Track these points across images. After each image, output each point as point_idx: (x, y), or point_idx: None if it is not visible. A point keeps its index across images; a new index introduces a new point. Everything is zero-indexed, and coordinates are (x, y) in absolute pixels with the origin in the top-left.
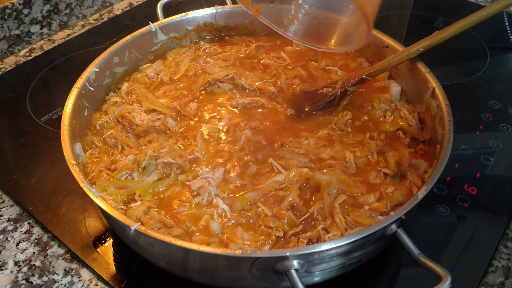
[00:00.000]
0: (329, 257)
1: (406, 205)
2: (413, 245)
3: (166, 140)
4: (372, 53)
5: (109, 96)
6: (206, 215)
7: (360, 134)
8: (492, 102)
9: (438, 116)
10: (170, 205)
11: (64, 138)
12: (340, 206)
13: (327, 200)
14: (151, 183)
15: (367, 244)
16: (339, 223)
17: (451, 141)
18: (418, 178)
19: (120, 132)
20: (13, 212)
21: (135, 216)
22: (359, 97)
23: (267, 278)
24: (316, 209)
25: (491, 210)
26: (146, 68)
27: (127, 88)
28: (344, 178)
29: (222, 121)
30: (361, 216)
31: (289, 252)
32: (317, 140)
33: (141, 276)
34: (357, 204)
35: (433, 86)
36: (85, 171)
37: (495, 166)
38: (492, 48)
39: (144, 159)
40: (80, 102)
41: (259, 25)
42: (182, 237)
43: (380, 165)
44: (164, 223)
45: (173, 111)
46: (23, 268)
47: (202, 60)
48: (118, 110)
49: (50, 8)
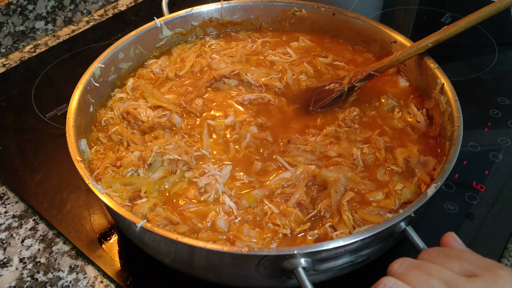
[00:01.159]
0: (337, 255)
1: (415, 202)
2: (422, 243)
3: (172, 136)
4: (379, 48)
5: (114, 92)
6: (212, 212)
7: (367, 130)
8: (500, 99)
9: (447, 112)
10: (176, 202)
11: (69, 134)
12: (347, 204)
13: (335, 197)
14: (157, 179)
15: (376, 242)
16: (346, 220)
17: (461, 138)
18: (426, 175)
19: (125, 129)
20: (18, 209)
21: (141, 213)
22: (366, 93)
23: (274, 276)
24: (323, 207)
25: (500, 207)
26: (151, 64)
27: (132, 84)
28: (351, 175)
29: (228, 117)
30: (369, 213)
31: (297, 250)
32: (324, 137)
33: (147, 273)
34: (365, 201)
35: (442, 82)
36: (91, 168)
37: (504, 163)
38: (501, 44)
39: (150, 155)
40: (86, 98)
41: (265, 20)
42: (189, 234)
43: (388, 162)
44: (170, 220)
45: (179, 108)
46: (28, 265)
47: (208, 56)
48: (123, 106)
49: (54, 4)
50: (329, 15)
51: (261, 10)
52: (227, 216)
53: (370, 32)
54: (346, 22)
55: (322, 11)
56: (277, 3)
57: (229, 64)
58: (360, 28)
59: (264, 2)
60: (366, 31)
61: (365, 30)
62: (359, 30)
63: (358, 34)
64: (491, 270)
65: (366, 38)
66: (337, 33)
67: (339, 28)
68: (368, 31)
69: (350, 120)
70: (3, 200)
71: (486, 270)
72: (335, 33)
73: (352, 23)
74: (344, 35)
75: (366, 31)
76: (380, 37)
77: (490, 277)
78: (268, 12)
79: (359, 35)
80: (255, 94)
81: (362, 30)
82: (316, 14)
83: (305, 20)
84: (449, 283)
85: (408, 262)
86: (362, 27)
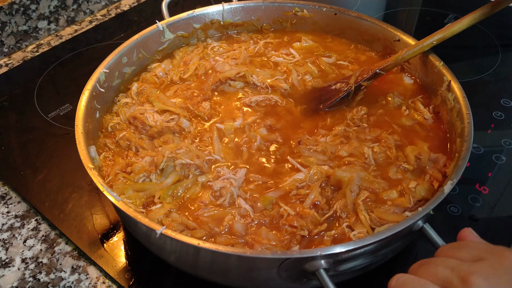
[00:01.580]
0: (357, 256)
1: (434, 199)
2: (440, 240)
3: (182, 140)
4: (382, 47)
5: (119, 97)
6: (229, 215)
7: (376, 129)
8: (504, 100)
9: (456, 109)
10: (191, 207)
11: (79, 141)
12: (363, 203)
13: (350, 197)
14: (170, 184)
15: (395, 241)
16: (363, 220)
17: (472, 134)
18: (438, 172)
19: (133, 134)
20: (20, 209)
21: (156, 219)
22: (372, 92)
23: (295, 278)
24: (339, 207)
25: (503, 209)
26: (154, 68)
27: (137, 89)
28: (364, 175)
29: (236, 120)
30: (386, 212)
31: (320, 251)
32: (334, 137)
33: (150, 274)
34: (380, 200)
35: (449, 79)
36: (101, 175)
37: (507, 165)
38: (504, 45)
39: (162, 160)
40: (92, 104)
41: (266, 21)
42: (206, 239)
43: (400, 160)
44: (187, 225)
45: (186, 111)
46: (30, 265)
47: (212, 59)
48: (129, 111)
49: (57, 3)
50: (331, 15)
51: (262, 11)
52: (244, 220)
53: (373, 31)
54: (348, 21)
55: (324, 11)
56: (278, 4)
57: (233, 66)
58: (362, 27)
59: (266, 3)
60: (368, 30)
61: (367, 29)
62: (361, 29)
63: (361, 33)
64: (496, 253)
65: (368, 37)
66: (339, 32)
67: (341, 28)
68: (371, 30)
69: (359, 119)
70: (5, 200)
71: (492, 253)
72: (337, 32)
73: (354, 22)
74: (346, 34)
75: (369, 30)
76: (383, 35)
77: (495, 259)
78: (270, 13)
79: (362, 34)
80: (262, 95)
81: (365, 29)
82: (317, 14)
83: (307, 20)
84: (454, 269)
85: (419, 262)
86: (364, 26)
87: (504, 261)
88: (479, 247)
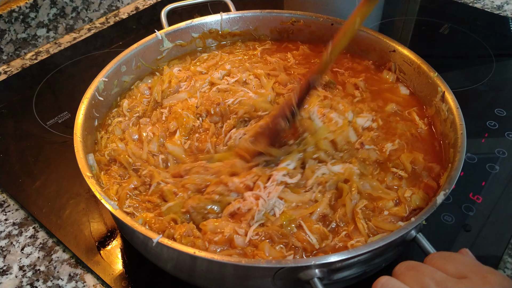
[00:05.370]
0: (351, 265)
1: (426, 210)
2: (432, 249)
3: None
4: (377, 57)
5: (112, 113)
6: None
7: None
8: (498, 110)
9: (449, 120)
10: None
11: (78, 150)
12: (361, 212)
13: (349, 205)
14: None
15: (388, 250)
16: (361, 229)
17: (465, 144)
18: (433, 180)
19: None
20: (18, 216)
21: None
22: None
23: (290, 287)
24: (338, 216)
25: (496, 219)
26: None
27: (127, 105)
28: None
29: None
30: (383, 221)
31: (314, 261)
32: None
33: (146, 282)
34: (377, 209)
35: (443, 90)
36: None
37: (501, 174)
38: (498, 55)
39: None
40: (91, 112)
41: (263, 31)
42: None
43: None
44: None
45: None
46: (28, 273)
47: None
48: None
49: (56, 11)
50: (327, 25)
51: (260, 21)
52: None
53: (368, 41)
54: None
55: (321, 21)
56: (276, 14)
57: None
58: (358, 38)
59: (263, 13)
60: (364, 41)
61: (363, 40)
62: (357, 39)
63: (357, 44)
64: (480, 274)
65: (364, 47)
66: None
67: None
68: (367, 40)
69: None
70: (3, 207)
71: (476, 273)
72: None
73: None
74: None
75: (365, 40)
76: (378, 46)
77: (477, 280)
78: (267, 22)
79: (358, 45)
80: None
81: (361, 39)
82: (314, 24)
83: (304, 30)
84: (439, 283)
85: (408, 264)
86: (360, 37)
87: (486, 284)
88: (466, 264)
